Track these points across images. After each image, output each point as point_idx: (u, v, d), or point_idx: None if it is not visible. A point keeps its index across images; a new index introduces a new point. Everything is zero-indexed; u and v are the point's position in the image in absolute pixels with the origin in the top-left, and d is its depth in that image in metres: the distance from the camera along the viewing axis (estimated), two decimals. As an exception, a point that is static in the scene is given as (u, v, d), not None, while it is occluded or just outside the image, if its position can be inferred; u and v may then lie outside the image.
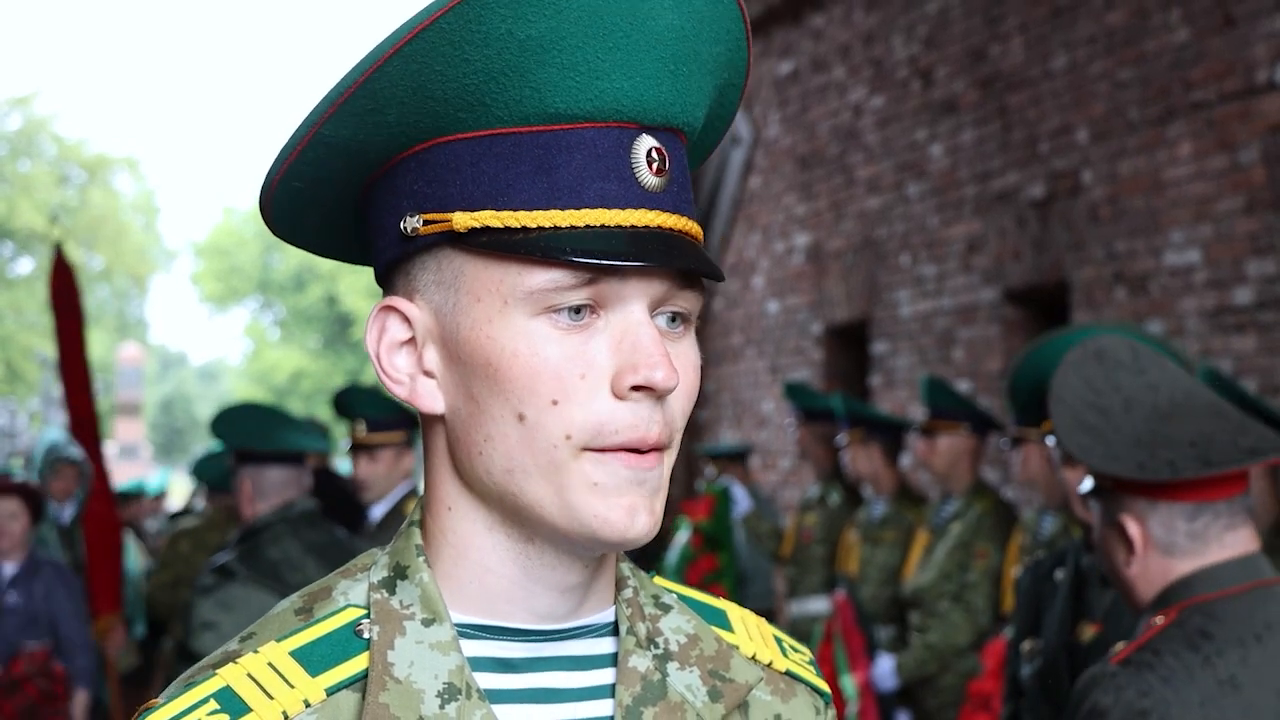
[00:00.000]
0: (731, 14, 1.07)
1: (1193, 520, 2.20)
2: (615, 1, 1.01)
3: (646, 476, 1.04)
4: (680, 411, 1.07)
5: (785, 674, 1.21)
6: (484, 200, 1.03)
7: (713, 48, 1.07)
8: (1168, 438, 2.19)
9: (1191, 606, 2.17)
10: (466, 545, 1.09)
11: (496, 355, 1.03)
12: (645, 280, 1.04)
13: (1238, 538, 2.21)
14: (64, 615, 6.15)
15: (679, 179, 1.06)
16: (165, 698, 1.05)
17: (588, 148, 1.03)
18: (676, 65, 1.04)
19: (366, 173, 1.09)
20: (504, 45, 1.01)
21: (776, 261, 10.54)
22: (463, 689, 1.05)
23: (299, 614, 1.09)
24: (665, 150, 1.05)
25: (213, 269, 44.11)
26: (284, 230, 1.16)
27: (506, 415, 1.03)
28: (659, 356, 1.02)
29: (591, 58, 1.01)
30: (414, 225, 1.05)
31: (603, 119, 1.03)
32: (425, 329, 1.07)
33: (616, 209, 1.02)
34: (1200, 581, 2.18)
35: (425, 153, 1.05)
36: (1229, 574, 2.18)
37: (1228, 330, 6.35)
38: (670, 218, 1.05)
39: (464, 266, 1.05)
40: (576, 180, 1.02)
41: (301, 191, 1.11)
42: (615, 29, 1.01)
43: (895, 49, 9.12)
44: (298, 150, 1.07)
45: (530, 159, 1.02)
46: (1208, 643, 2.12)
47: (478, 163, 1.03)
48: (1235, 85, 6.32)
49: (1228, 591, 2.17)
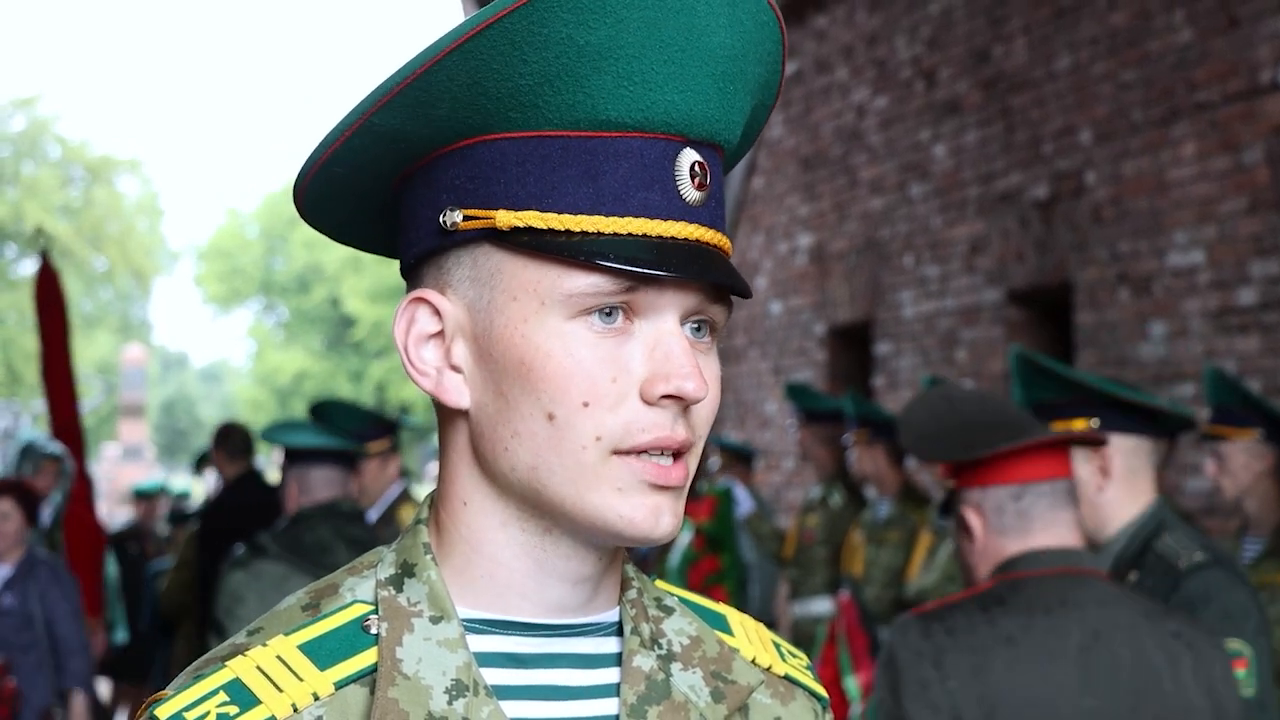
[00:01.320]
0: (774, 38, 1.09)
1: (1019, 500, 2.51)
2: (674, 16, 1.02)
3: (671, 482, 1.06)
4: (704, 420, 1.08)
5: (784, 678, 1.22)
6: (528, 200, 1.04)
7: (756, 68, 1.09)
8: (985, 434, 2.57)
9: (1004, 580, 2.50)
10: (480, 540, 1.09)
11: (530, 354, 1.04)
12: (680, 292, 1.05)
13: (1059, 520, 2.52)
14: (59, 616, 6.11)
15: (716, 194, 1.08)
16: (174, 689, 1.06)
17: (635, 157, 1.04)
18: (725, 83, 1.06)
19: (407, 163, 1.10)
20: (563, 49, 1.02)
21: (780, 262, 10.54)
22: (470, 685, 1.06)
23: (306, 609, 1.10)
24: (707, 165, 1.07)
25: (216, 270, 44.15)
26: (313, 215, 1.17)
27: (536, 414, 1.04)
28: (691, 368, 1.04)
29: (646, 69, 1.03)
30: (454, 220, 1.06)
31: (651, 130, 1.04)
32: (456, 323, 1.08)
33: (659, 220, 1.04)
34: (1022, 561, 2.50)
35: (470, 148, 1.06)
36: (1046, 559, 2.49)
37: (1231, 331, 6.35)
38: (708, 232, 1.06)
39: (502, 264, 1.06)
40: (622, 188, 1.03)
41: (340, 177, 1.12)
42: (672, 43, 1.03)
43: (898, 50, 9.12)
44: (345, 135, 1.08)
45: (578, 164, 1.04)
46: (998, 606, 2.44)
47: (524, 163, 1.04)
48: (1239, 86, 6.32)
49: (1038, 572, 2.48)
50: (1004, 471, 2.53)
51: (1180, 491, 6.54)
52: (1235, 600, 2.88)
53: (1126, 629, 2.45)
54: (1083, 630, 2.44)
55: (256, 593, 3.89)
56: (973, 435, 2.56)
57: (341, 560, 3.85)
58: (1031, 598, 2.45)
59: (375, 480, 5.17)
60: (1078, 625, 2.44)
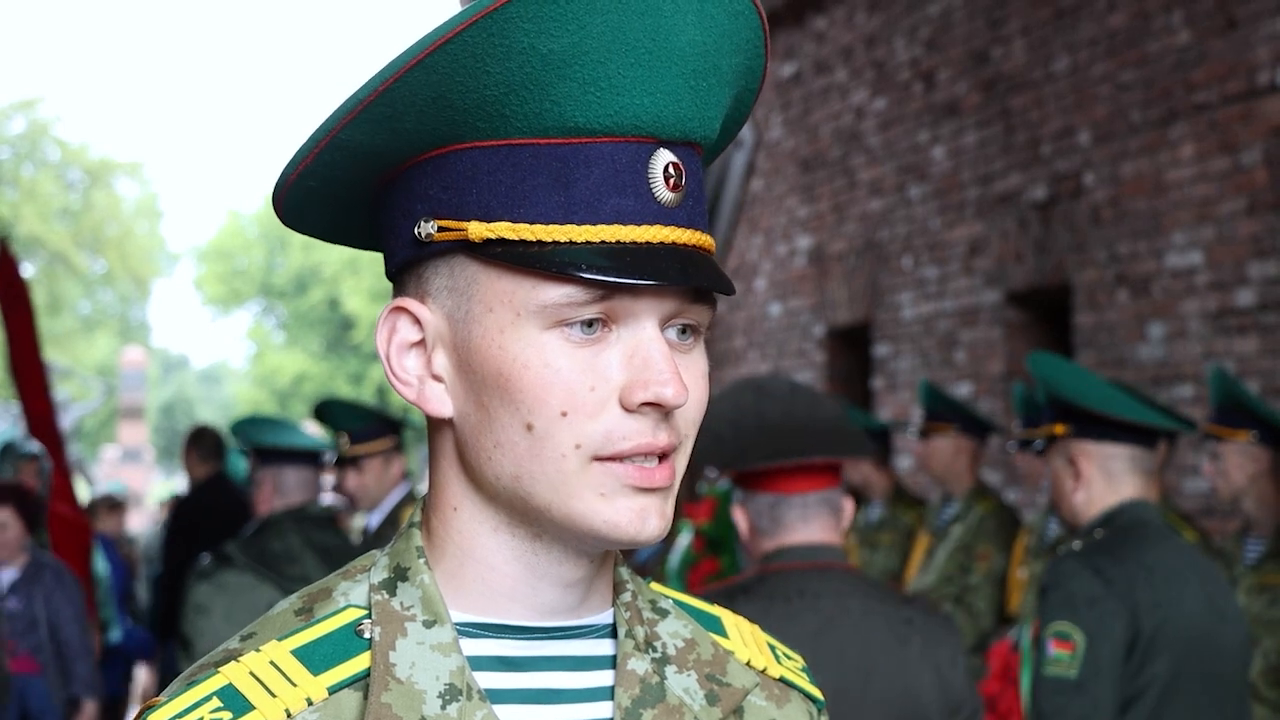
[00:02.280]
0: (752, 24, 1.07)
1: (774, 509, 2.83)
2: (638, 18, 1.01)
3: (656, 484, 1.05)
4: (690, 421, 1.08)
5: (779, 680, 1.22)
6: (500, 211, 1.03)
7: (732, 59, 1.07)
8: (762, 443, 2.81)
9: (758, 571, 2.83)
10: (472, 545, 1.09)
11: (508, 366, 1.04)
12: (658, 297, 1.04)
13: (812, 526, 2.83)
14: (64, 620, 6.11)
15: (694, 193, 1.07)
16: (168, 695, 1.06)
17: (606, 162, 1.03)
18: (697, 80, 1.05)
19: (381, 172, 1.10)
20: (526, 59, 1.01)
21: (778, 264, 10.54)
22: (464, 690, 1.05)
23: (299, 614, 1.10)
24: (682, 165, 1.06)
25: (215, 272, 44.16)
26: (296, 224, 1.17)
27: (515, 424, 1.04)
28: (669, 374, 1.03)
29: (613, 73, 1.02)
30: (428, 231, 1.06)
31: (621, 134, 1.03)
32: (436, 333, 1.08)
33: (632, 224, 1.03)
34: (776, 556, 2.81)
35: (442, 158, 1.06)
36: (796, 554, 2.81)
37: (1230, 332, 6.35)
38: (685, 233, 1.05)
39: (477, 275, 1.05)
40: (593, 195, 1.02)
41: (315, 190, 1.12)
42: (637, 45, 1.02)
43: (897, 51, 9.12)
44: (314, 153, 1.08)
45: (548, 171, 1.03)
46: (743, 595, 2.75)
47: (495, 172, 1.04)
48: (1237, 87, 6.32)
49: (787, 565, 2.79)
50: (764, 483, 2.83)
51: (1179, 492, 6.54)
52: (1079, 588, 3.10)
53: (858, 615, 2.76)
54: (818, 617, 2.74)
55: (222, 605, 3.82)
56: (749, 443, 2.80)
57: (310, 570, 3.82)
58: (774, 588, 2.77)
59: (378, 480, 5.14)
60: (813, 612, 2.74)
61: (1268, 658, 4.24)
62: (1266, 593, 4.26)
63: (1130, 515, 3.19)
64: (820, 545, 2.83)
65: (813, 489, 2.83)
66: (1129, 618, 3.07)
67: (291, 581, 3.82)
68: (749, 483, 2.86)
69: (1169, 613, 3.09)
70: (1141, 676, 3.09)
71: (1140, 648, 3.09)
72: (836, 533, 2.86)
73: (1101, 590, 3.09)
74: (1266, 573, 4.30)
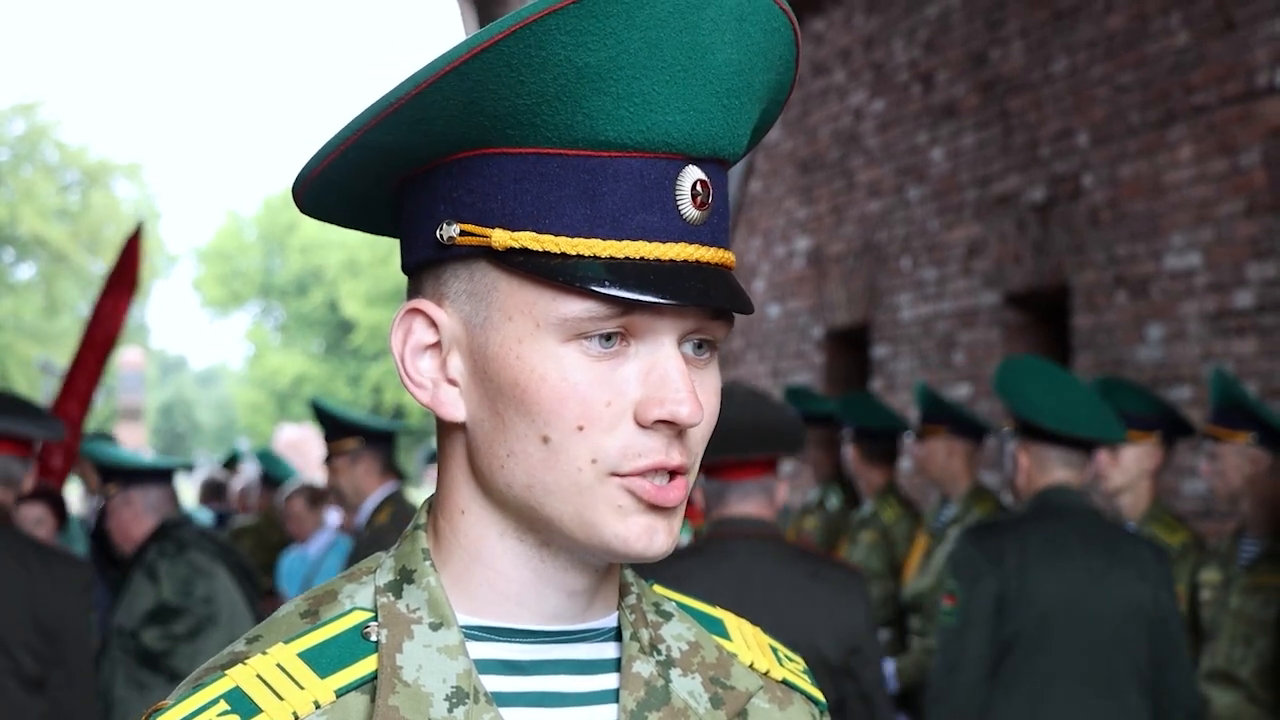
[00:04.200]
0: (787, 40, 1.07)
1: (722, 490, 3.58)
2: (676, 35, 1.00)
3: (668, 503, 1.05)
4: (700, 440, 1.07)
5: (782, 683, 1.22)
6: (525, 220, 1.02)
7: (765, 76, 1.07)
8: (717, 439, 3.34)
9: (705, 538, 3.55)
10: (479, 549, 1.09)
11: (525, 377, 1.03)
12: (679, 315, 1.04)
13: (748, 500, 3.56)
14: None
15: (719, 209, 1.06)
16: (174, 699, 1.05)
17: (634, 178, 1.02)
18: (730, 99, 1.04)
19: (405, 170, 1.09)
20: (561, 71, 1.00)
21: (777, 265, 10.54)
22: (470, 693, 1.05)
23: (305, 617, 1.09)
24: (710, 182, 1.05)
25: (214, 273, 44.14)
26: (315, 212, 1.17)
27: (531, 435, 1.04)
28: (685, 393, 1.03)
29: (647, 89, 1.01)
30: (450, 234, 1.05)
31: (652, 149, 1.02)
32: (452, 336, 1.07)
33: (657, 242, 1.02)
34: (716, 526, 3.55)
35: (469, 160, 1.05)
36: (729, 525, 3.55)
37: (1228, 334, 6.35)
38: (709, 251, 1.04)
39: (497, 283, 1.04)
40: (620, 210, 1.02)
41: (336, 184, 1.11)
42: (673, 62, 1.01)
43: (896, 53, 9.13)
44: (339, 150, 1.07)
45: (575, 183, 1.02)
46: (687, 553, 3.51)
47: (522, 180, 1.03)
48: (1236, 89, 6.32)
49: (720, 533, 3.53)
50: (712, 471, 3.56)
51: (1178, 494, 6.55)
52: (961, 555, 3.87)
53: (771, 570, 3.50)
54: (737, 574, 3.46)
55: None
56: None
57: None
58: (708, 550, 3.51)
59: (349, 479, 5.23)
60: (733, 567, 3.47)
61: (1261, 658, 4.24)
62: (1260, 593, 4.27)
63: (1049, 498, 3.88)
64: (751, 519, 3.56)
65: (753, 477, 3.56)
66: (996, 580, 3.79)
67: None
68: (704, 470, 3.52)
69: (1033, 577, 3.78)
70: (1007, 628, 3.80)
71: (1008, 604, 3.79)
72: (769, 509, 3.58)
73: (976, 556, 3.83)
74: (1261, 573, 4.31)
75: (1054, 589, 3.77)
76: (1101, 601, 3.78)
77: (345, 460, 5.22)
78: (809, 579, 3.52)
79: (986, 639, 3.79)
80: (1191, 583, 4.62)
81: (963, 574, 3.84)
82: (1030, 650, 3.78)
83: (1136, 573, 3.81)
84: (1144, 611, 3.80)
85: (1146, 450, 4.78)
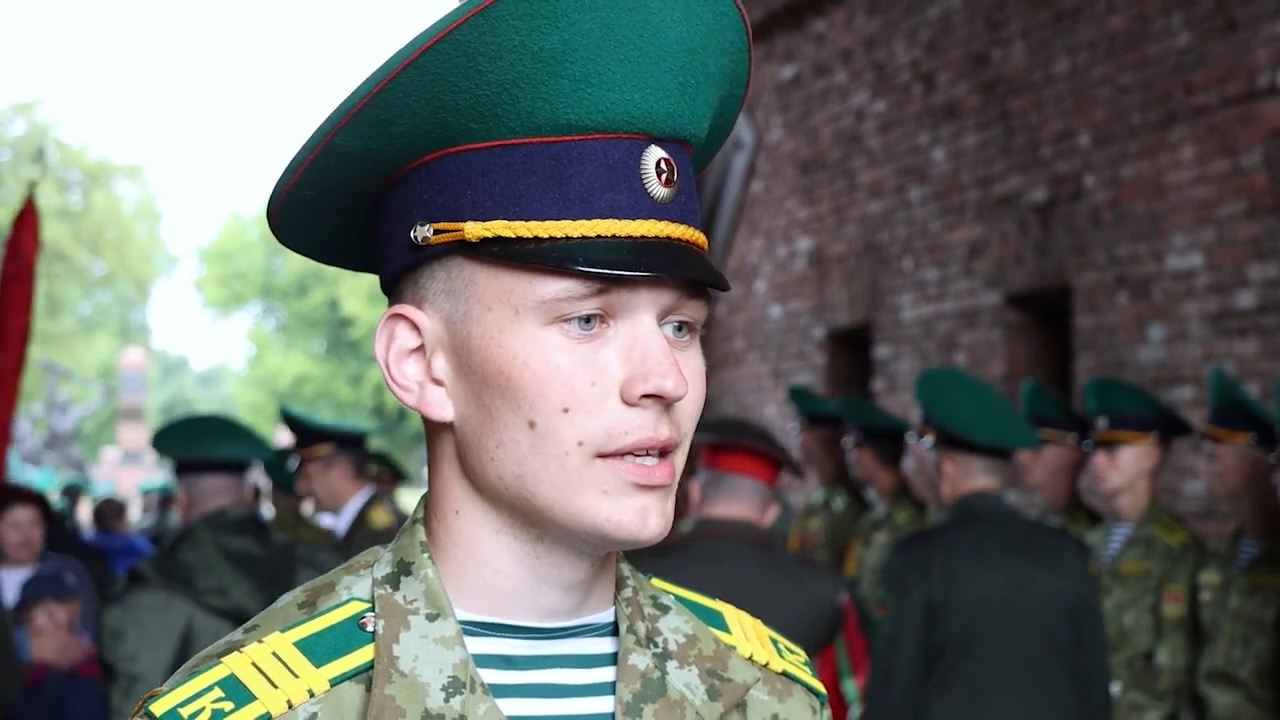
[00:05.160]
0: (735, 27, 1.09)
1: (717, 485, 3.66)
2: (626, 15, 1.02)
3: (657, 481, 1.06)
4: (689, 416, 1.08)
5: (781, 674, 1.22)
6: (496, 210, 1.04)
7: (718, 60, 1.09)
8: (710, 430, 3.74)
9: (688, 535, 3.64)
10: (474, 547, 1.10)
11: (508, 364, 1.04)
12: (654, 290, 1.05)
13: (735, 500, 3.65)
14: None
15: (686, 189, 1.08)
16: (169, 686, 1.06)
17: (599, 158, 1.04)
18: (685, 77, 1.06)
19: (377, 181, 1.10)
20: (517, 57, 1.02)
21: (779, 266, 10.55)
22: (467, 683, 1.06)
23: (302, 607, 1.10)
24: (674, 161, 1.07)
25: (216, 274, 44.17)
26: (289, 238, 1.17)
27: (518, 423, 1.05)
28: (669, 365, 1.04)
29: (603, 69, 1.03)
30: (424, 234, 1.06)
31: (613, 130, 1.04)
32: (434, 337, 1.08)
33: (626, 219, 1.04)
34: (702, 524, 3.62)
35: (436, 162, 1.06)
36: (713, 526, 3.62)
37: (1230, 334, 6.35)
38: (678, 228, 1.06)
39: (474, 275, 1.06)
40: (588, 191, 1.03)
41: (310, 200, 1.12)
42: (626, 41, 1.03)
43: (897, 53, 9.13)
44: (309, 160, 1.08)
45: (542, 169, 1.04)
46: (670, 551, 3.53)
47: (489, 172, 1.04)
48: (1237, 89, 6.33)
49: (704, 533, 3.61)
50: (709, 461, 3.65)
51: (1179, 494, 6.55)
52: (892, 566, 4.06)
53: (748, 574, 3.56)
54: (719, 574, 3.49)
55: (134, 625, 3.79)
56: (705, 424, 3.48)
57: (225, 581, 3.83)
58: (691, 549, 3.57)
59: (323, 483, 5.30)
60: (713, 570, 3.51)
61: (1261, 658, 4.24)
62: (1259, 594, 4.27)
63: (971, 504, 4.05)
64: (736, 521, 3.63)
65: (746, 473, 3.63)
66: (924, 588, 3.95)
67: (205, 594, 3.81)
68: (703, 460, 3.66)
69: (959, 583, 3.94)
70: (938, 634, 3.96)
71: (937, 611, 3.95)
72: (758, 514, 3.66)
73: (904, 567, 4.01)
74: (1259, 574, 4.31)
75: (979, 594, 3.96)
76: (1025, 601, 3.98)
77: (319, 465, 5.29)
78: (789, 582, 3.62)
79: (919, 646, 3.98)
80: (1191, 583, 4.62)
81: (893, 586, 4.02)
82: (961, 653, 3.97)
83: (1058, 570, 4.01)
84: (1066, 604, 4.00)
85: (1144, 450, 4.77)
